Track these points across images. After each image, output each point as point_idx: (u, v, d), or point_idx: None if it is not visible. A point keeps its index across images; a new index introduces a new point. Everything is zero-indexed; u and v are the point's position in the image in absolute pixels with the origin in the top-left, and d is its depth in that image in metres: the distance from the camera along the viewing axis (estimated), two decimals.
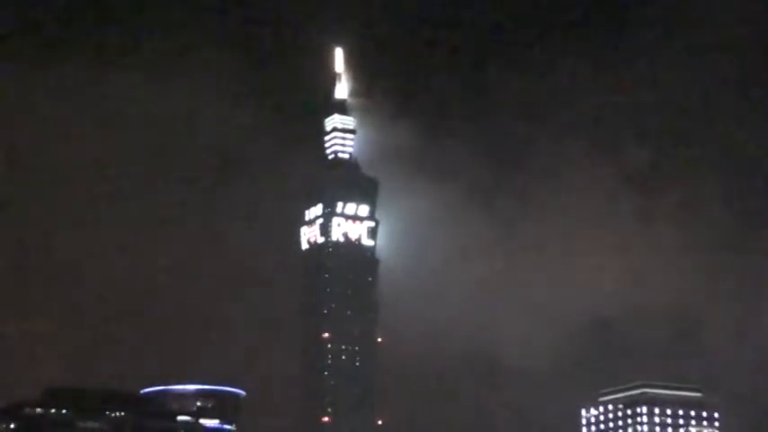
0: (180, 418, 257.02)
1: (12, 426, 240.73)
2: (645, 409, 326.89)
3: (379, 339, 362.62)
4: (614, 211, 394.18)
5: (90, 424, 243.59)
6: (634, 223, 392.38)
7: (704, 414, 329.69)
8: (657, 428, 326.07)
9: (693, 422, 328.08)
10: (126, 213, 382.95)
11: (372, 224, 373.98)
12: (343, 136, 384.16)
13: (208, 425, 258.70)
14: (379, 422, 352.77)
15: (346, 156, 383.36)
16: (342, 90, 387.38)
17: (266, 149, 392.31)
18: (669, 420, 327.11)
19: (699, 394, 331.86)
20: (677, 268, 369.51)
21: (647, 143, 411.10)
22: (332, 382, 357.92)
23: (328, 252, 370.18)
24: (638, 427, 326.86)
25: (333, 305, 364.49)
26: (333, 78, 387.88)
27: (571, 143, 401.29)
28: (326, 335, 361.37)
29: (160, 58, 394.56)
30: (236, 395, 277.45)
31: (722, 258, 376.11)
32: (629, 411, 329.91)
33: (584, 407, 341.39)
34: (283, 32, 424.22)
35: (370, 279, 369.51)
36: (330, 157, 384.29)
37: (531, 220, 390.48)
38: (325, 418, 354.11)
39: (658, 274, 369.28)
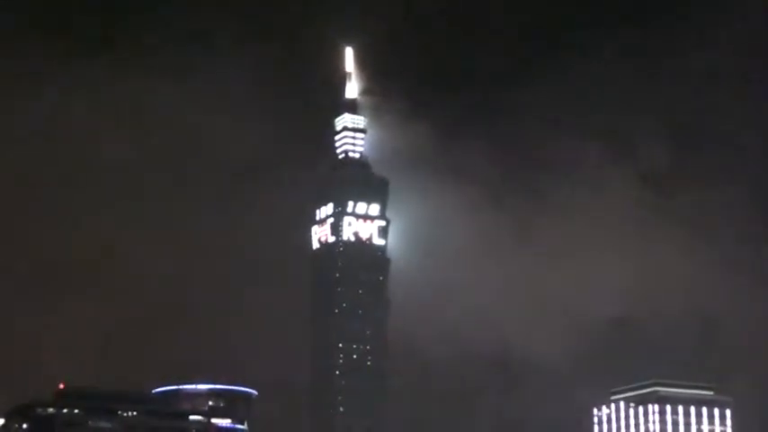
0: (192, 417, 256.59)
1: (24, 426, 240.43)
2: (656, 408, 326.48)
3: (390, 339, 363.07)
4: (629, 211, 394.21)
5: (102, 424, 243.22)
6: (648, 222, 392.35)
7: (716, 412, 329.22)
8: (669, 427, 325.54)
9: (705, 420, 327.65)
10: (139, 214, 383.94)
11: (383, 223, 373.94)
12: (353, 135, 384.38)
13: (219, 424, 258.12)
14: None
15: (357, 155, 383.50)
16: (352, 89, 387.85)
17: (276, 149, 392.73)
18: (681, 419, 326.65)
19: (711, 392, 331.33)
20: (691, 267, 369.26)
21: (664, 143, 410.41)
22: (343, 382, 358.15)
23: (339, 251, 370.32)
24: (650, 426, 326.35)
25: (344, 304, 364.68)
26: (343, 77, 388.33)
27: (587, 143, 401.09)
28: (337, 334, 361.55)
29: (163, 58, 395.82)
30: (248, 394, 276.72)
31: (735, 258, 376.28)
32: (640, 409, 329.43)
33: (595, 405, 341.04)
34: (293, 32, 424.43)
35: (380, 278, 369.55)
36: (341, 156, 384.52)
37: (545, 219, 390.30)
38: (337, 418, 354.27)
39: (672, 273, 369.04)
